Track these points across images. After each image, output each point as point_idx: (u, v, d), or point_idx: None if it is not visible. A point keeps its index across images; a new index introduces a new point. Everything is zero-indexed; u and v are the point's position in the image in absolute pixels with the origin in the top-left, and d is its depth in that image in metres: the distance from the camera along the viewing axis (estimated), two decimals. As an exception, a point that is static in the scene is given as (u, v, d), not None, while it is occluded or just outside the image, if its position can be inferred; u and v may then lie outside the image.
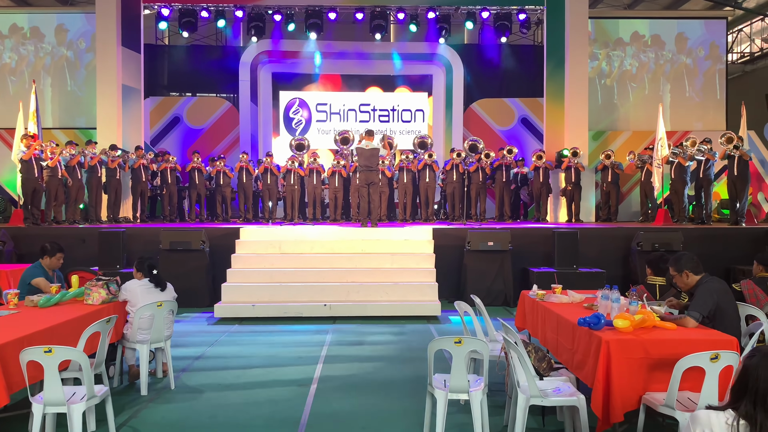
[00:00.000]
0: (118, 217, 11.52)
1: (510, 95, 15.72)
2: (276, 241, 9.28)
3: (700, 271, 4.15)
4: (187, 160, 13.05)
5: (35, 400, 3.52)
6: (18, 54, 14.80)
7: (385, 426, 4.23)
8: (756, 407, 2.02)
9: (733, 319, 4.04)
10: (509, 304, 8.98)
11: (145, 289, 5.08)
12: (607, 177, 12.23)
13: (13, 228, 9.86)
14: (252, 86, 15.34)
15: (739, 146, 10.43)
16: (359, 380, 5.31)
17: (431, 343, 3.72)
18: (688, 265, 4.16)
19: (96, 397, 3.66)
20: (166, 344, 5.12)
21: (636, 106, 15.31)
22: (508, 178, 12.06)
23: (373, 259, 8.92)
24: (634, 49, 15.36)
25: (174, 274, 7.89)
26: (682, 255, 4.27)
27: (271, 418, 4.37)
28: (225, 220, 12.10)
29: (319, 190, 12.11)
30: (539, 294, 5.02)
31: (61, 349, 3.49)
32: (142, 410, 4.52)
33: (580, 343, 3.89)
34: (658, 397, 3.42)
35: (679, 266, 4.20)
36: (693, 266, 4.15)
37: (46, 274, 5.51)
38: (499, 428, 4.13)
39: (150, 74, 14.81)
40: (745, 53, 17.97)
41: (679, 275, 4.20)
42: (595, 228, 10.43)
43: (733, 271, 9.01)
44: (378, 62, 15.72)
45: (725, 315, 3.98)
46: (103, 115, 12.85)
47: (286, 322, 7.86)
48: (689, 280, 4.16)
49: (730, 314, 4.03)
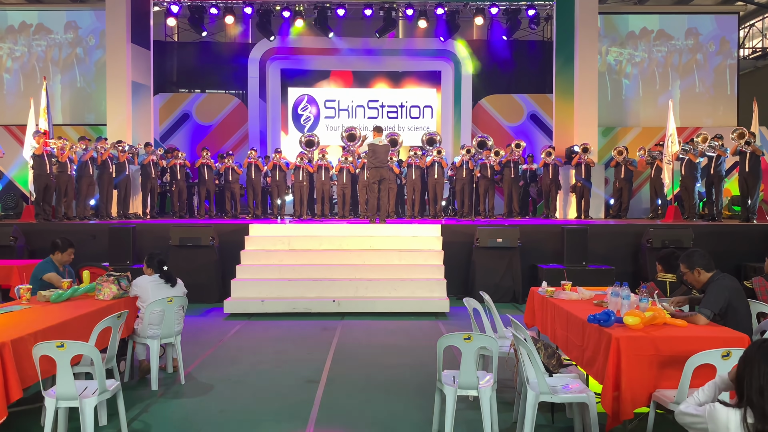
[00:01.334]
0: (128, 213, 11.59)
1: (519, 91, 15.67)
2: (285, 237, 9.30)
3: (712, 268, 4.12)
4: (197, 156, 13.10)
5: (48, 394, 3.56)
6: (28, 51, 14.90)
7: (394, 421, 4.24)
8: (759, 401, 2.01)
9: (744, 316, 4.01)
10: (518, 301, 8.96)
11: (155, 284, 5.11)
12: (620, 173, 12.16)
13: (25, 224, 9.95)
14: (261, 83, 15.39)
15: (751, 142, 10.33)
16: (368, 376, 5.32)
17: (440, 340, 3.72)
18: (700, 262, 4.12)
19: (107, 392, 3.70)
20: (176, 339, 5.15)
21: (646, 101, 15.20)
22: (516, 175, 12.02)
23: (382, 256, 8.92)
24: (644, 44, 15.24)
25: (183, 270, 7.94)
26: (694, 252, 4.23)
27: (281, 413, 4.39)
28: (234, 217, 12.14)
29: (327, 186, 12.12)
30: (549, 291, 5.00)
31: (74, 344, 3.52)
32: (153, 405, 4.55)
33: (590, 339, 3.87)
34: (669, 395, 3.41)
35: (690, 263, 4.16)
36: (705, 263, 4.12)
37: (57, 270, 5.55)
38: (508, 425, 4.13)
39: (159, 71, 14.88)
40: (756, 48, 17.79)
41: (691, 272, 4.17)
42: (605, 225, 10.38)
43: (744, 268, 8.95)
44: (386, 58, 15.72)
45: (737, 312, 3.95)
46: (113, 111, 12.93)
47: (295, 317, 7.89)
48: (701, 277, 4.12)
49: (742, 312, 3.99)
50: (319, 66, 15.87)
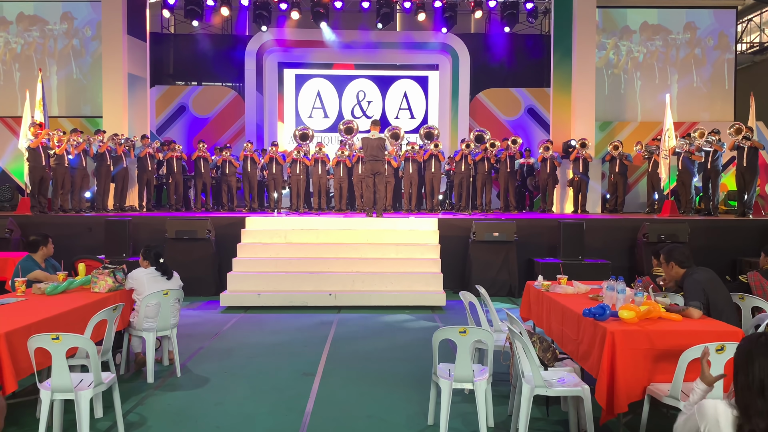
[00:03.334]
0: (125, 206, 11.56)
1: (516, 85, 15.64)
2: (281, 230, 9.30)
3: (688, 265, 4.19)
4: (193, 149, 13.06)
5: (43, 386, 3.55)
6: (24, 42, 14.80)
7: (389, 414, 4.25)
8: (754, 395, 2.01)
9: (725, 306, 4.04)
10: (514, 294, 8.98)
11: (151, 277, 5.10)
12: (615, 168, 12.17)
13: (21, 216, 9.91)
14: (258, 75, 15.32)
15: (749, 137, 10.34)
16: (364, 369, 5.33)
17: (436, 333, 3.73)
18: (676, 258, 4.23)
19: (103, 384, 3.69)
20: (172, 332, 5.15)
21: (644, 96, 15.20)
22: (513, 169, 12.02)
23: (378, 249, 8.92)
24: (642, 38, 15.23)
25: (180, 263, 7.93)
26: (676, 247, 4.34)
27: (277, 406, 4.39)
28: (230, 210, 12.12)
29: (324, 179, 12.11)
30: (545, 285, 5.01)
31: (69, 337, 3.51)
32: (149, 397, 4.55)
33: (585, 333, 3.88)
34: (663, 388, 3.42)
35: (667, 256, 4.28)
36: (681, 260, 4.22)
37: (39, 267, 5.56)
38: (503, 418, 4.14)
39: (156, 63, 14.80)
40: (754, 43, 17.77)
41: (666, 264, 4.29)
42: (601, 219, 10.40)
43: (739, 262, 8.99)
44: (384, 51, 15.66)
45: (716, 304, 3.99)
46: (109, 103, 12.87)
47: (291, 311, 7.89)
48: (673, 271, 4.25)
49: (721, 303, 4.02)
50: (316, 59, 15.81)
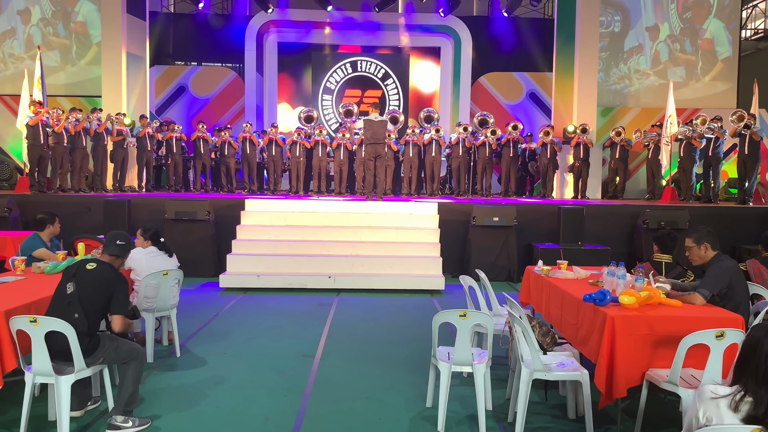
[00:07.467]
0: (124, 186, 11.52)
1: (518, 69, 15.54)
2: (281, 213, 9.28)
3: (717, 248, 4.11)
4: (193, 129, 12.99)
5: (27, 369, 3.50)
6: (23, 20, 14.63)
7: (388, 396, 4.27)
8: (759, 384, 2.01)
9: (743, 297, 4.01)
10: (513, 279, 8.99)
11: (150, 257, 5.09)
12: (616, 153, 12.13)
13: (19, 195, 9.88)
14: (258, 56, 15.19)
15: (750, 125, 10.29)
16: (363, 351, 5.35)
17: (436, 316, 3.73)
18: (708, 239, 4.10)
19: (86, 370, 3.52)
20: (171, 313, 5.16)
21: (646, 82, 15.09)
22: (515, 154, 11.98)
23: (378, 233, 8.92)
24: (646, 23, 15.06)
25: (179, 244, 7.94)
26: (702, 228, 4.22)
27: (276, 387, 4.41)
28: (230, 191, 12.09)
29: (324, 162, 12.06)
30: (545, 270, 5.00)
31: (47, 320, 3.38)
32: (148, 377, 4.56)
33: (584, 318, 3.88)
34: (662, 374, 3.43)
35: (698, 237, 4.12)
36: (713, 241, 4.10)
37: (45, 245, 5.55)
38: (501, 401, 4.16)
39: (155, 42, 14.66)
40: (759, 30, 17.64)
41: (698, 247, 4.12)
42: (601, 205, 10.39)
43: (739, 250, 8.99)
44: (385, 33, 15.52)
45: (735, 294, 3.95)
46: (108, 83, 12.76)
47: (290, 293, 7.90)
48: (707, 253, 4.10)
49: (741, 293, 3.99)
50: (316, 39, 15.67)
